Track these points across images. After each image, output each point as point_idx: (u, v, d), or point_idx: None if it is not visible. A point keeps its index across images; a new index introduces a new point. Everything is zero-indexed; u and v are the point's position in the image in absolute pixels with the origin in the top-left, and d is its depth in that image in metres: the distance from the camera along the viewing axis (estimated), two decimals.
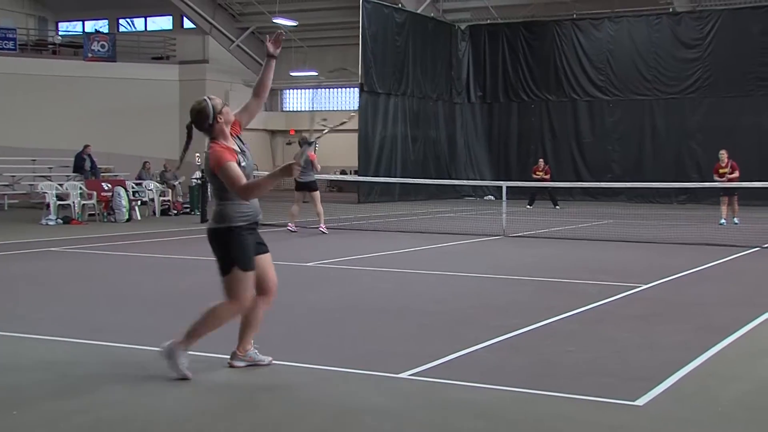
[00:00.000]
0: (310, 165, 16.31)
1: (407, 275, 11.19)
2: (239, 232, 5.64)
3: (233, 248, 5.65)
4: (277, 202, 20.78)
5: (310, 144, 17.17)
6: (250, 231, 5.73)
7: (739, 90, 29.32)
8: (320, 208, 16.64)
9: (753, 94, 29.24)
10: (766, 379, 5.97)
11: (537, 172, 26.47)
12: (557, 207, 26.52)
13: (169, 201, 23.38)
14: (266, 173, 5.77)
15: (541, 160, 27.35)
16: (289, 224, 16.63)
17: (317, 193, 16.70)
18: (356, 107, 30.35)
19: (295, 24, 35.00)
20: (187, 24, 38.62)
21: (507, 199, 17.92)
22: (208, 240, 5.77)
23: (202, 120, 5.73)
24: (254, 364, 5.97)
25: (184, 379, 5.60)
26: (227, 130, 5.78)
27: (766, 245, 14.93)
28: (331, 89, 40.54)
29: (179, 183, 25.05)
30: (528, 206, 26.38)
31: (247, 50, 39.20)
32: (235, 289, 5.66)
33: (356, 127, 29.90)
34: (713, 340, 6.95)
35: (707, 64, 30.03)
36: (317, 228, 16.57)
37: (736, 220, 19.35)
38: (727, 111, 29.31)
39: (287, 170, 5.36)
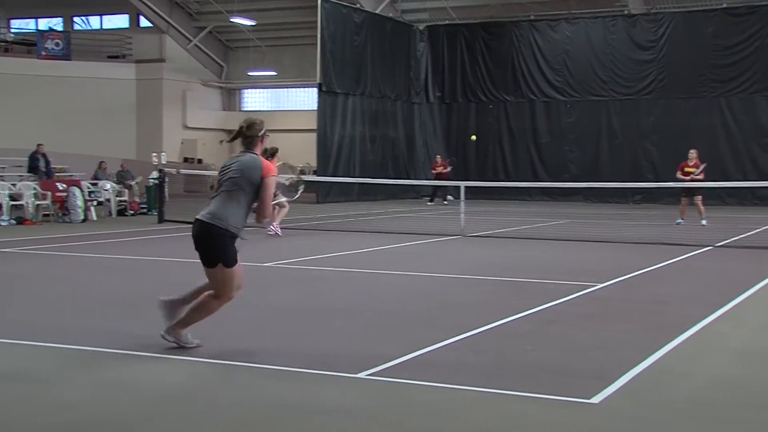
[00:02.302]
0: None
1: (366, 275, 11.20)
2: (232, 237, 6.43)
3: (226, 248, 6.42)
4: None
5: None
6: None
7: (692, 91, 29.76)
8: (281, 214, 16.13)
9: (706, 96, 29.70)
10: (718, 375, 6.08)
11: (436, 168, 28.24)
12: (446, 201, 27.56)
13: (125, 201, 23.15)
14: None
15: (438, 156, 28.66)
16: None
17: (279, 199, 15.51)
18: (315, 107, 30.29)
19: (253, 23, 34.83)
20: (144, 22, 38.21)
21: (465, 199, 18.01)
22: (199, 233, 6.43)
23: (258, 131, 6.61)
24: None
25: (198, 346, 6.49)
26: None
27: (718, 244, 15.18)
28: (290, 89, 40.41)
29: (136, 183, 24.81)
30: (429, 203, 27.72)
31: (205, 50, 38.91)
32: (227, 284, 6.49)
33: (315, 127, 29.85)
34: (666, 338, 7.06)
35: (661, 66, 30.45)
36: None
37: (704, 221, 18.89)
38: (681, 112, 29.76)
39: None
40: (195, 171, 31.32)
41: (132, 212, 22.74)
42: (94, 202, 21.83)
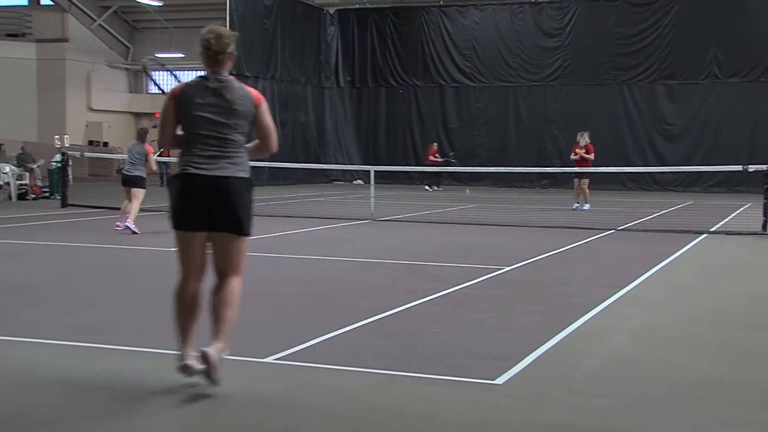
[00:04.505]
0: (143, 158, 13.98)
1: (275, 259, 11.14)
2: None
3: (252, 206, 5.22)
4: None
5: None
6: None
7: (596, 79, 30.51)
8: (136, 208, 13.86)
9: (609, 83, 30.48)
10: (615, 354, 6.27)
11: (431, 156, 28.94)
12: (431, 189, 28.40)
13: (26, 185, 22.45)
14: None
15: (434, 144, 29.72)
16: (119, 223, 13.88)
17: (141, 192, 14.01)
18: None
19: (160, 4, 34.11)
20: (45, 0, 37.01)
21: (375, 183, 18.10)
22: (233, 190, 5.07)
23: (230, 43, 5.22)
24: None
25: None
26: None
27: (620, 227, 15.63)
28: (198, 72, 39.68)
29: (38, 166, 24.09)
30: (436, 188, 28.60)
31: (110, 30, 37.93)
32: (246, 257, 5.23)
33: None
34: (569, 320, 7.25)
35: (567, 53, 31.10)
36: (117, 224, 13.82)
37: (586, 207, 19.19)
38: (585, 99, 30.46)
39: None
40: (100, 154, 30.57)
41: (33, 196, 22.09)
42: None
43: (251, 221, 5.22)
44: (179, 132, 5.18)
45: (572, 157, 19.75)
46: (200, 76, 5.27)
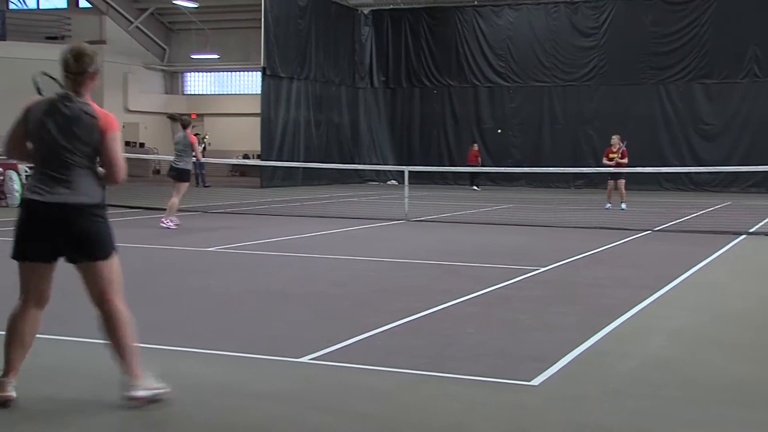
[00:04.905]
0: (189, 149, 14.76)
1: (309, 260, 11.18)
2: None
3: (110, 228, 4.92)
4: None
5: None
6: None
7: (632, 78, 30.25)
8: (176, 202, 14.49)
9: (645, 83, 30.20)
10: (654, 355, 6.21)
11: (475, 158, 29.46)
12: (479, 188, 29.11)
13: None
14: None
15: (475, 144, 30.27)
16: (172, 219, 14.42)
17: (183, 185, 14.65)
18: (259, 91, 30.09)
19: (195, 6, 34.37)
20: (83, 3, 37.44)
21: (409, 183, 18.10)
22: (73, 217, 4.74)
23: (91, 63, 5.12)
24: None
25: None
26: None
27: (656, 228, 15.48)
28: (233, 73, 40.02)
29: None
30: (476, 188, 28.99)
31: (147, 32, 38.30)
32: (118, 278, 4.96)
33: (259, 111, 29.66)
34: (606, 321, 7.19)
35: (603, 53, 30.87)
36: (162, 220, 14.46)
37: (623, 205, 19.39)
38: (621, 99, 30.22)
39: None
40: (137, 155, 30.91)
41: None
42: None
43: (105, 244, 4.84)
44: (29, 145, 4.97)
45: (605, 162, 19.78)
46: (56, 95, 5.06)
